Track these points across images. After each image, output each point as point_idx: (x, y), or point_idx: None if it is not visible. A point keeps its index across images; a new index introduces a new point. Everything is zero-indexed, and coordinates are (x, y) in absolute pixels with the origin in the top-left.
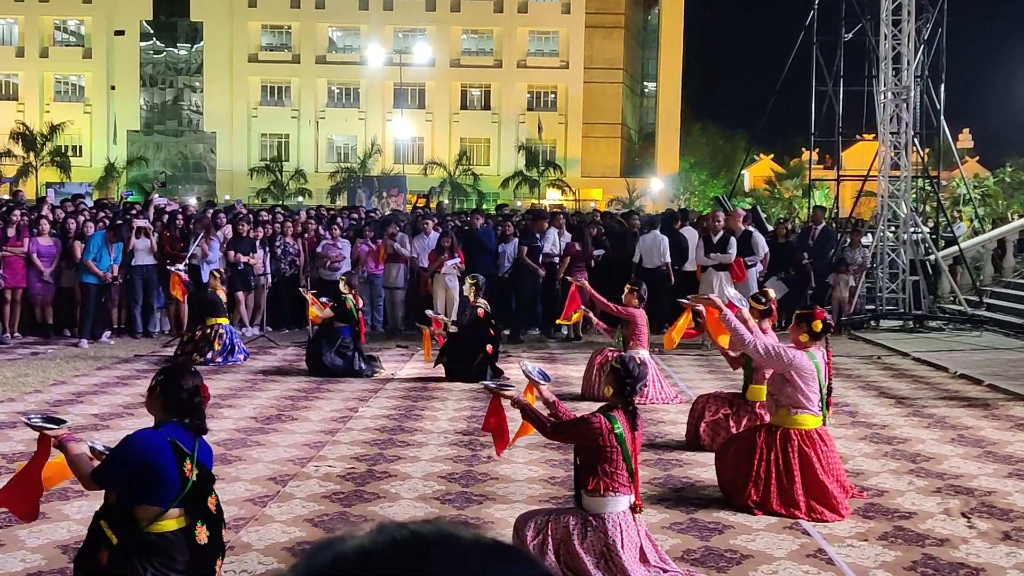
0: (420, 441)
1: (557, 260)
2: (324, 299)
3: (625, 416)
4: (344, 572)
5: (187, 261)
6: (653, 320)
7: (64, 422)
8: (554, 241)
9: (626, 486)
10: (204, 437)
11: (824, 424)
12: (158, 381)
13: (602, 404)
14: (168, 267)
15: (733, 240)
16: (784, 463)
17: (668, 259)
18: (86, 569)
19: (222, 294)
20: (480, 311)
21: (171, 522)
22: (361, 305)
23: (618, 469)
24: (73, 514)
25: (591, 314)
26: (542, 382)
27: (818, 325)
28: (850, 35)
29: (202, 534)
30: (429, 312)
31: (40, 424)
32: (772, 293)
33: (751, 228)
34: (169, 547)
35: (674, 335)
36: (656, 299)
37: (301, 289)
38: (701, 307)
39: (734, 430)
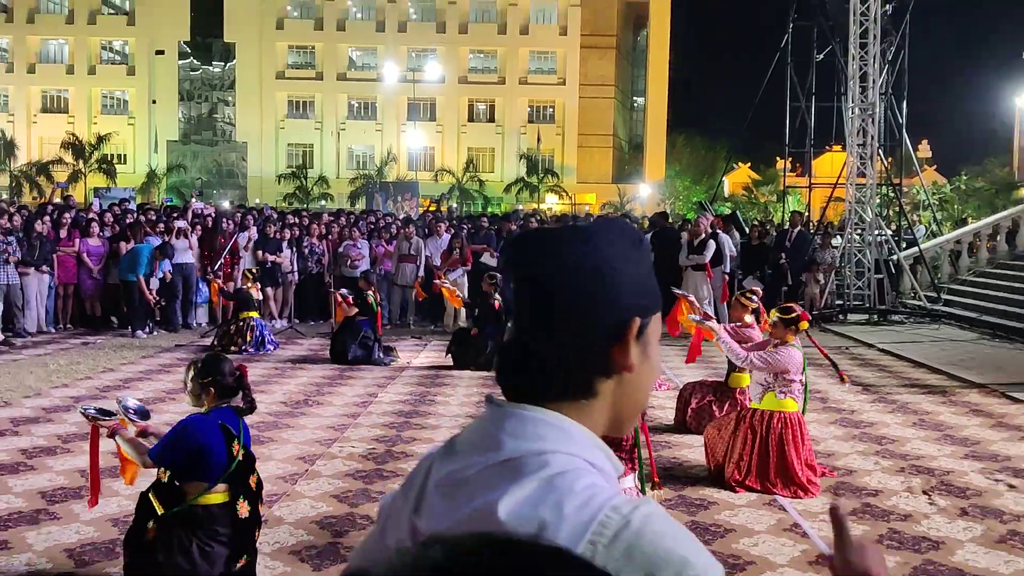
0: (433, 424)
1: None
2: (345, 292)
3: None
4: None
5: (217, 270)
6: None
7: (114, 414)
8: None
9: (632, 467)
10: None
11: (803, 412)
12: (205, 382)
13: None
14: (207, 276)
15: (711, 244)
16: (764, 445)
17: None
18: (135, 546)
19: (255, 291)
20: (497, 303)
21: (216, 496)
22: (380, 300)
23: (626, 454)
24: (123, 490)
25: None
26: None
27: (804, 325)
28: (821, 56)
29: (243, 508)
30: (438, 282)
31: (94, 415)
32: (759, 291)
33: (718, 231)
34: (212, 519)
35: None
36: None
37: (335, 293)
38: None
39: (718, 414)
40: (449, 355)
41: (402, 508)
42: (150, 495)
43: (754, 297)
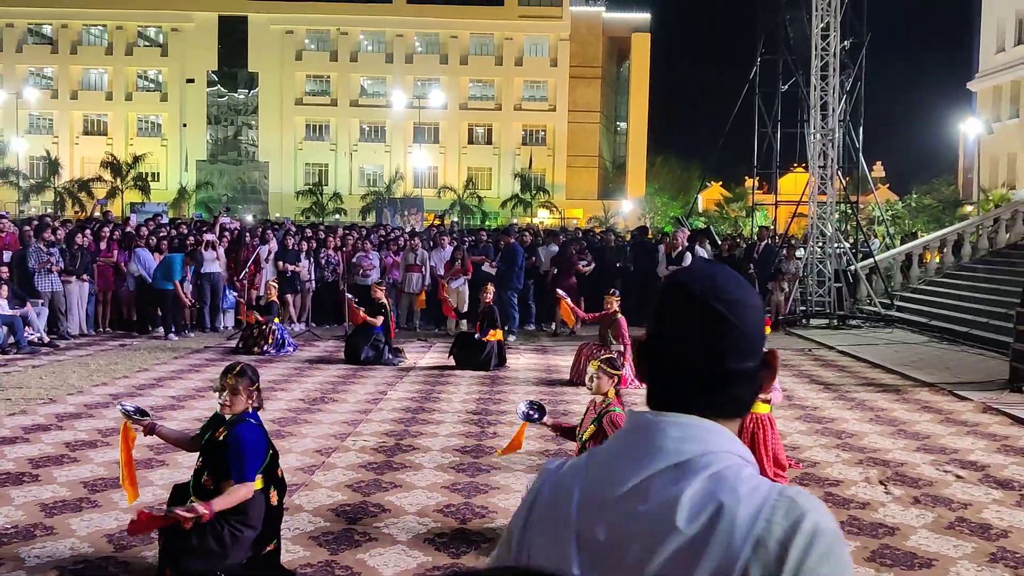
0: (438, 419)
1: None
2: (350, 296)
3: (620, 402)
4: None
5: (242, 278)
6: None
7: (148, 414)
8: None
9: None
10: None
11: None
12: (254, 387)
13: (603, 400)
14: (235, 284)
15: (688, 255)
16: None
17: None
18: (170, 532)
19: (274, 294)
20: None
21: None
22: (391, 306)
23: None
24: (156, 480)
25: (581, 313)
26: (540, 417)
27: (767, 330)
28: (786, 87)
29: (274, 497)
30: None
31: (129, 412)
32: None
33: (696, 245)
34: (246, 507)
35: None
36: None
37: (351, 299)
38: None
39: None
40: (451, 356)
41: (554, 520)
42: (192, 500)
43: None
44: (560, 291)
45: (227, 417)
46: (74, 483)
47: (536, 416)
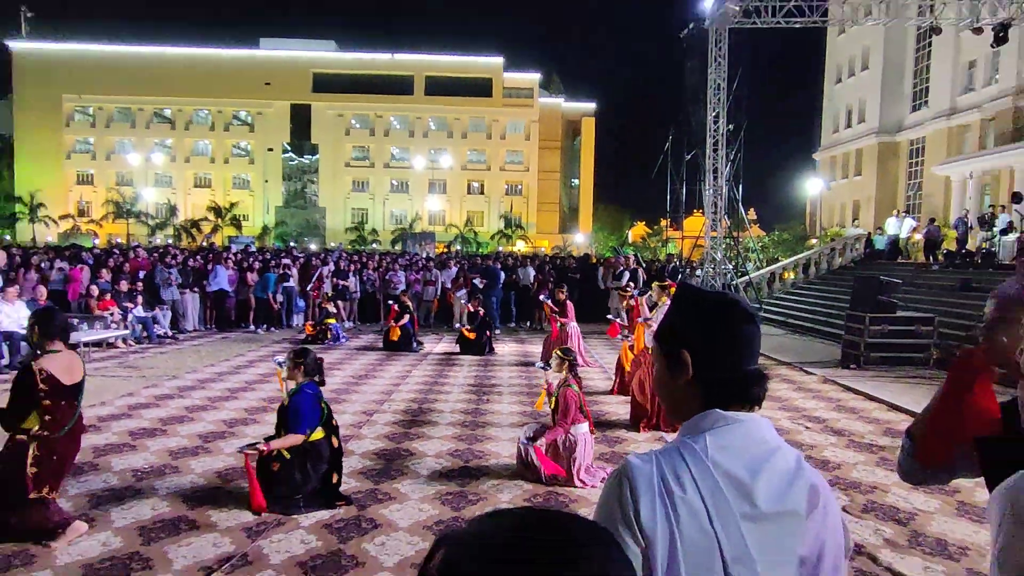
0: (448, 391)
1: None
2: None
3: (576, 381)
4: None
5: (311, 289)
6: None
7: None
8: (530, 273)
9: (583, 419)
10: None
11: None
12: (298, 362)
13: (562, 379)
14: (306, 295)
15: (626, 273)
16: None
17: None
18: (264, 471)
19: (330, 306)
20: (482, 312)
21: (318, 434)
22: (414, 309)
23: (578, 411)
24: (250, 432)
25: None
26: (547, 368)
27: (672, 291)
28: (689, 156)
29: (335, 441)
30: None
31: (279, 364)
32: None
33: (635, 267)
34: (317, 450)
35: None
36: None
37: (393, 305)
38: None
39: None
40: (458, 345)
41: (717, 502)
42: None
43: (635, 294)
44: (549, 302)
45: (292, 388)
46: (192, 435)
47: (548, 367)
